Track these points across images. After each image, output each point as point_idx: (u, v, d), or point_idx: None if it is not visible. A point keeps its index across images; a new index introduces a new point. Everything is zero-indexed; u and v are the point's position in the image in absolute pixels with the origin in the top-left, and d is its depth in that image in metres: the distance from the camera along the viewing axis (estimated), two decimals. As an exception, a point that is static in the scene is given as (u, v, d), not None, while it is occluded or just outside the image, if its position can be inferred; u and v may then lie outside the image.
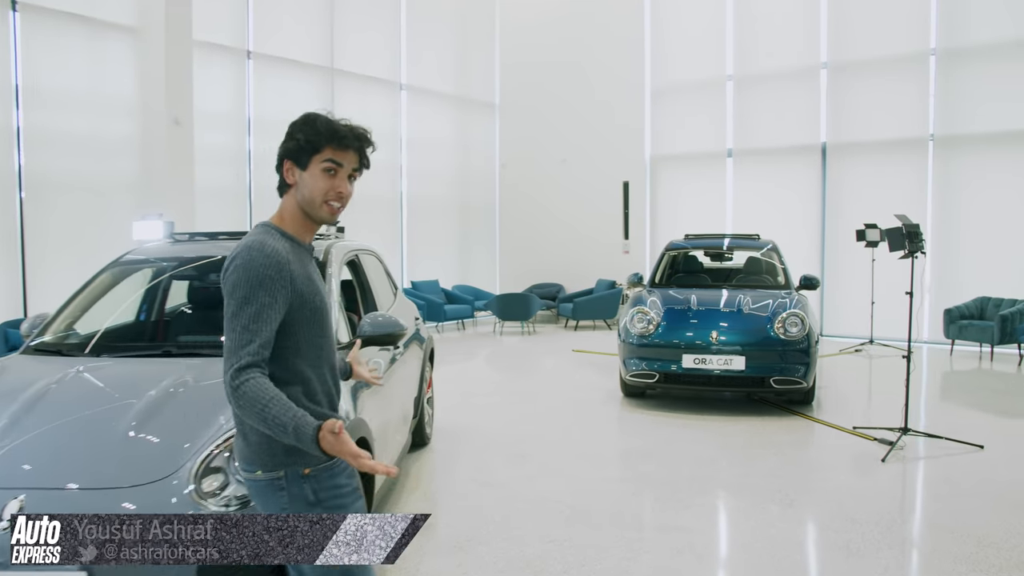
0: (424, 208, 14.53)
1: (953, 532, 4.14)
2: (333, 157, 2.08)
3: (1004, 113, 11.01)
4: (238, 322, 1.88)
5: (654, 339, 7.09)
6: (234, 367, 1.85)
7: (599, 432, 6.54)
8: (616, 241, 14.48)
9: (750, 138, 13.15)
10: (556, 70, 15.00)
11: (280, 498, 1.93)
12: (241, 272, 1.92)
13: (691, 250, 8.99)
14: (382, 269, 5.47)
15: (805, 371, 6.83)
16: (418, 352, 5.54)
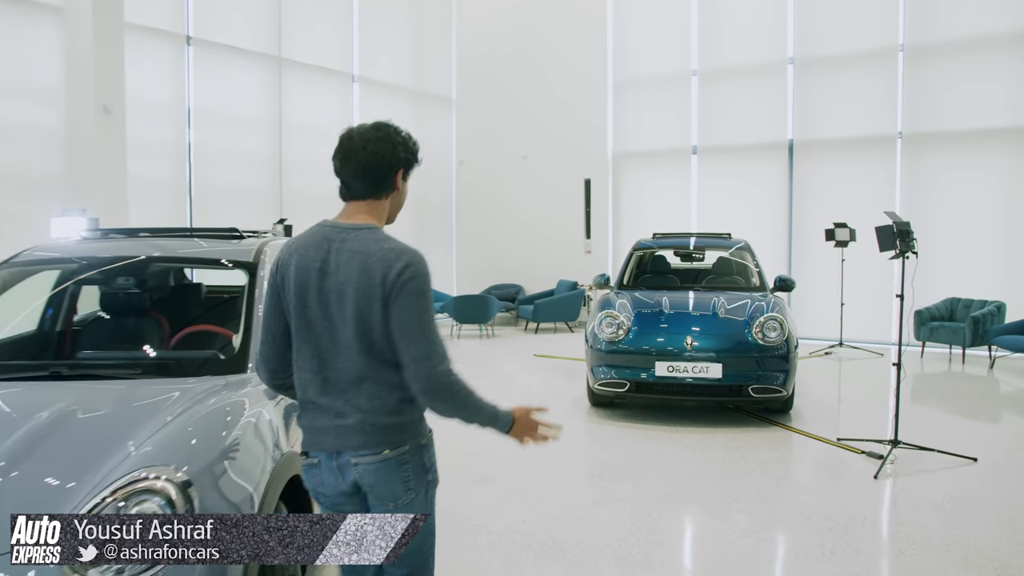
0: (378, 206, 13.86)
1: (969, 564, 3.72)
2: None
3: (973, 110, 10.83)
4: (428, 323, 2.07)
5: (624, 345, 6.61)
6: (447, 364, 2.08)
7: (568, 448, 6.03)
8: (578, 241, 14.03)
9: (715, 135, 12.80)
10: (515, 63, 14.48)
11: (404, 470, 2.11)
12: (422, 279, 2.09)
13: (660, 250, 8.54)
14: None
15: (784, 378, 6.42)
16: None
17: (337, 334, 2.09)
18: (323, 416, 2.12)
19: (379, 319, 2.05)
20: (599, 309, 7.09)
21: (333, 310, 2.09)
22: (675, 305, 6.98)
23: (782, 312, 6.73)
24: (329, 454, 2.13)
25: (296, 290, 2.13)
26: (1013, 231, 10.71)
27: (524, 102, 14.41)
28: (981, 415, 7.24)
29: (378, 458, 2.10)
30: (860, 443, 5.80)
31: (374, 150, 2.18)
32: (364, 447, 2.09)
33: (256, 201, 11.74)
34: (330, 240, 2.15)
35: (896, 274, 11.55)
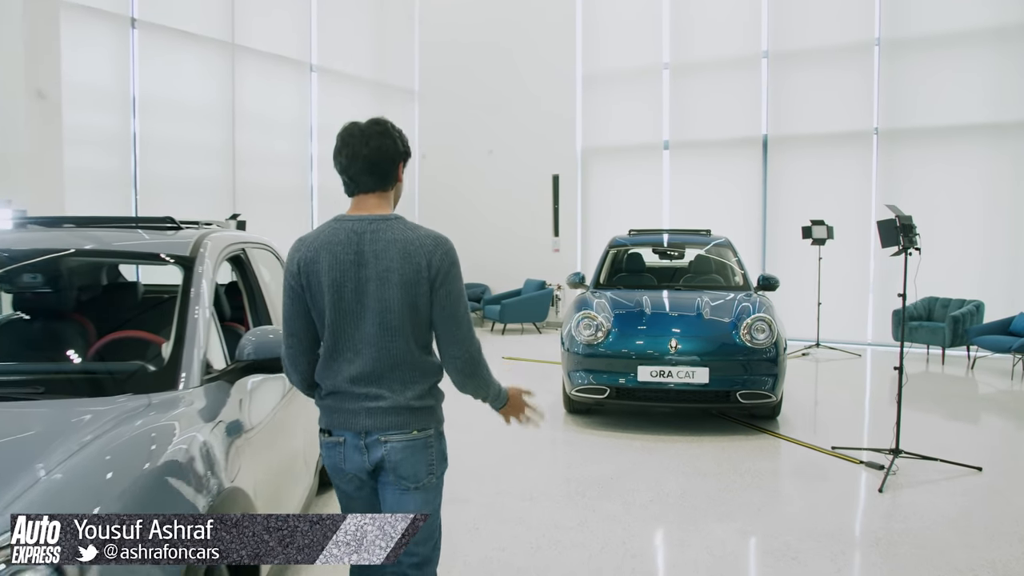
0: (338, 202, 13.20)
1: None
2: None
3: (950, 106, 10.66)
4: (467, 305, 2.23)
5: (604, 349, 6.17)
6: (478, 344, 2.26)
7: (547, 461, 5.58)
8: (545, 238, 13.59)
9: (688, 130, 12.46)
10: (480, 54, 13.99)
11: (428, 452, 2.23)
12: (458, 264, 2.22)
13: (638, 247, 8.12)
14: (280, 267, 4.35)
15: (774, 383, 6.04)
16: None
17: (375, 322, 2.16)
18: (355, 400, 2.19)
19: (425, 303, 2.18)
20: (575, 310, 6.64)
21: (370, 300, 2.15)
22: (657, 305, 6.56)
23: (770, 312, 6.35)
24: (356, 433, 2.21)
25: (331, 284, 2.16)
26: (991, 229, 10.55)
27: (489, 94, 13.93)
28: (974, 419, 6.97)
29: (407, 438, 2.19)
30: (856, 452, 5.45)
31: (377, 145, 2.27)
32: (394, 428, 2.19)
33: (208, 194, 11.07)
34: (360, 232, 2.19)
35: (873, 272, 11.43)
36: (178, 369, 2.56)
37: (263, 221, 11.79)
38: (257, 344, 2.77)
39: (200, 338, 2.67)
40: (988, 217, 10.54)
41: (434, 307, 2.19)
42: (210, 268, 2.98)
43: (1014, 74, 10.34)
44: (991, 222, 10.52)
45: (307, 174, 12.71)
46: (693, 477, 5.00)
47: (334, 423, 2.24)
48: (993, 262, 10.50)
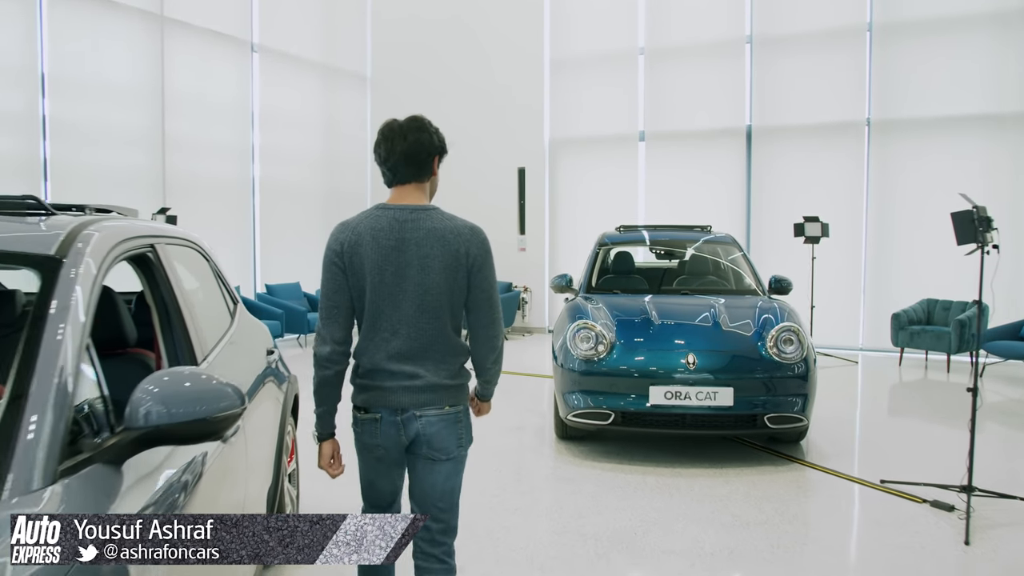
0: (282, 196, 12.05)
1: None
2: None
3: (946, 96, 10.00)
4: (496, 297, 2.40)
5: (606, 366, 5.20)
6: (503, 336, 2.45)
7: (550, 509, 4.56)
8: (511, 237, 12.59)
9: (665, 120, 11.60)
10: (438, 36, 12.91)
11: (458, 426, 2.40)
12: (488, 252, 2.37)
13: (631, 245, 7.18)
14: (210, 271, 3.25)
15: (804, 403, 5.15)
16: (274, 402, 3.35)
17: (414, 304, 2.30)
18: (392, 378, 2.34)
19: (461, 287, 2.32)
20: (569, 319, 5.65)
21: (409, 284, 2.29)
22: (665, 313, 5.61)
23: (796, 321, 5.47)
24: (393, 410, 2.35)
25: (373, 267, 2.29)
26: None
27: (448, 81, 12.86)
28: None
29: (441, 413, 2.36)
30: (912, 487, 4.58)
31: (415, 139, 2.34)
32: (429, 404, 2.34)
33: (133, 185, 9.75)
34: (401, 221, 2.31)
35: (865, 273, 10.74)
36: (12, 440, 1.48)
37: (198, 216, 10.51)
38: (164, 399, 1.69)
39: (57, 392, 1.58)
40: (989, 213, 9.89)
41: (471, 291, 2.34)
42: (89, 274, 1.88)
43: (1013, 62, 9.73)
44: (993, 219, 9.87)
45: (248, 165, 11.46)
46: (734, 529, 4.05)
47: (371, 402, 2.39)
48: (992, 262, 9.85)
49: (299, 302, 11.38)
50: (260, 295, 11.15)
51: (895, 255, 10.36)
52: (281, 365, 3.71)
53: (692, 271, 6.86)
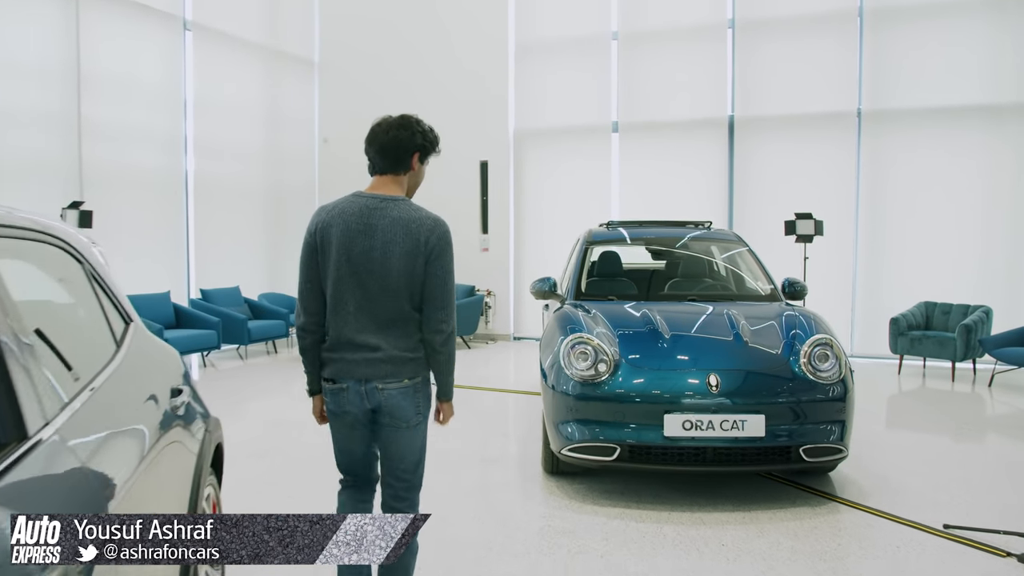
0: (220, 191, 10.89)
1: None
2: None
3: (942, 86, 9.37)
4: (452, 282, 2.59)
5: (611, 389, 4.29)
6: (454, 319, 2.60)
7: (546, 569, 3.62)
8: (473, 236, 11.64)
9: (640, 110, 10.79)
10: (393, 19, 11.90)
11: (417, 396, 2.61)
12: (450, 245, 2.58)
13: (625, 243, 6.29)
14: (84, 279, 2.23)
15: (842, 431, 4.33)
16: (180, 460, 2.34)
17: (377, 284, 2.52)
18: (357, 351, 2.55)
19: (420, 273, 2.53)
20: (560, 331, 4.73)
21: (375, 266, 2.51)
22: (675, 324, 4.73)
23: (829, 331, 4.65)
24: (358, 380, 2.56)
25: (339, 248, 2.52)
26: (989, 225, 9.32)
27: (403, 68, 11.85)
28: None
29: (401, 385, 2.57)
30: (984, 534, 3.78)
31: (394, 135, 2.61)
32: (390, 376, 2.56)
33: (42, 176, 8.52)
34: (371, 208, 2.55)
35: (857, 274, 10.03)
36: None
37: (121, 213, 9.31)
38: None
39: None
40: (986, 211, 9.32)
41: (427, 277, 2.53)
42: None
43: (1010, 50, 9.15)
44: (989, 217, 9.30)
45: (180, 156, 10.28)
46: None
47: (338, 373, 2.59)
48: (992, 262, 9.28)
49: (239, 309, 10.24)
50: (194, 301, 9.99)
51: (888, 255, 9.71)
52: (196, 404, 2.70)
53: (695, 273, 6.00)
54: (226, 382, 8.43)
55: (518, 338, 11.67)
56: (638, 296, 5.55)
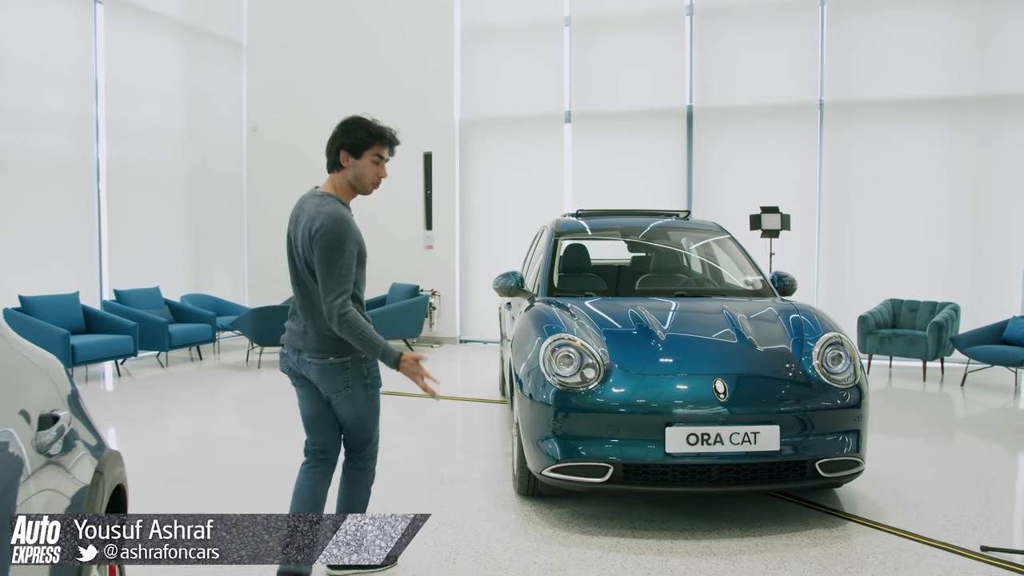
0: (137, 181, 9.90)
1: None
2: (379, 152, 2.91)
3: (907, 76, 9.12)
4: (334, 269, 2.74)
5: (601, 398, 3.68)
6: (339, 300, 2.72)
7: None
8: (416, 233, 10.93)
9: (595, 99, 10.26)
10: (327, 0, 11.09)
11: (345, 374, 2.86)
12: (330, 235, 2.73)
13: (599, 234, 5.70)
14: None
15: (858, 440, 3.82)
16: (57, 507, 1.63)
17: (295, 270, 2.92)
18: (295, 324, 2.95)
19: (312, 262, 2.80)
20: (537, 331, 4.09)
21: (295, 253, 2.90)
22: (668, 323, 4.15)
23: (838, 328, 4.15)
24: (294, 350, 2.95)
25: (288, 233, 2.95)
26: (954, 221, 9.11)
27: (339, 52, 11.06)
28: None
29: (323, 362, 2.86)
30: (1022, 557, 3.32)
31: (332, 134, 2.92)
32: (315, 353, 2.86)
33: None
34: (303, 201, 2.93)
35: (819, 269, 9.72)
36: None
37: (21, 204, 8.30)
38: None
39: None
40: (951, 206, 9.10)
41: (315, 263, 2.78)
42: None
43: (973, 42, 8.95)
44: (954, 211, 9.09)
45: (91, 143, 9.26)
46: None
47: (286, 341, 2.99)
48: (957, 257, 9.06)
49: (159, 311, 9.28)
50: (107, 303, 8.99)
51: (851, 250, 9.42)
52: (85, 435, 1.96)
53: (678, 266, 5.46)
54: (143, 393, 7.52)
55: (465, 341, 11.00)
56: (619, 292, 4.97)
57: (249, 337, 9.08)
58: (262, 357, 9.33)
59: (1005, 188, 8.92)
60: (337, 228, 2.73)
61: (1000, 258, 8.93)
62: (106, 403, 7.17)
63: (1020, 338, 7.33)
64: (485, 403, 6.94)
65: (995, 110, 8.92)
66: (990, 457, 5.43)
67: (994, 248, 8.96)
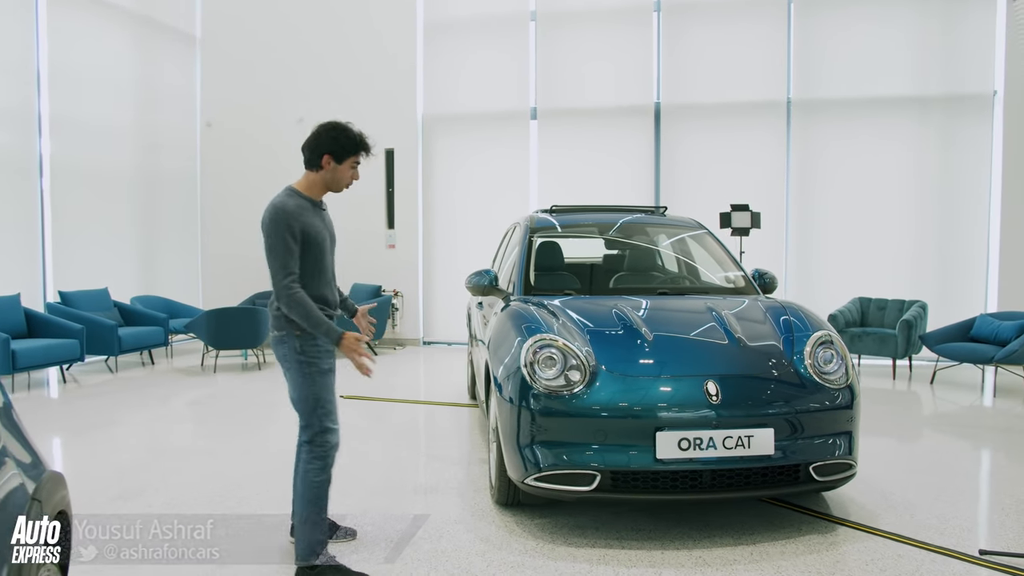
0: (83, 178, 9.44)
1: None
2: (358, 159, 3.21)
3: (873, 75, 9.12)
4: (275, 253, 3.01)
5: (588, 402, 3.48)
6: (285, 281, 2.99)
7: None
8: (378, 231, 10.64)
9: (561, 96, 10.09)
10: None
11: (283, 348, 3.10)
12: (269, 223, 3.03)
13: (574, 231, 5.51)
14: None
15: (850, 443, 3.69)
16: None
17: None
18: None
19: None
20: (517, 331, 3.88)
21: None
22: (654, 322, 3.96)
23: (827, 326, 4.01)
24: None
25: None
26: (921, 219, 9.15)
27: (297, 46, 10.72)
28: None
29: (272, 336, 3.15)
30: (1021, 560, 3.22)
31: (312, 135, 3.16)
32: (271, 328, 3.15)
33: None
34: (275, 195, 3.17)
35: (787, 267, 9.68)
36: None
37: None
38: None
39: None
40: (917, 204, 9.14)
41: None
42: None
43: (938, 41, 9.00)
44: (920, 210, 9.12)
45: (33, 138, 8.79)
46: None
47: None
48: (922, 255, 9.10)
49: (107, 314, 8.84)
50: (52, 306, 8.53)
51: (819, 248, 9.40)
52: (20, 453, 1.68)
53: (658, 264, 5.30)
54: (91, 401, 7.11)
55: (428, 343, 10.74)
56: (599, 289, 4.78)
57: (204, 340, 8.69)
58: (218, 361, 8.94)
59: (968, 186, 8.98)
60: (274, 215, 3.00)
61: (964, 256, 8.99)
62: (50, 412, 6.75)
63: (988, 335, 7.35)
64: (453, 407, 6.70)
65: (957, 109, 8.98)
66: (971, 456, 5.38)
67: (958, 246, 9.02)
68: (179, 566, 3.22)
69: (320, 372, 3.09)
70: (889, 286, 8.74)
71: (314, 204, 3.16)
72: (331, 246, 3.27)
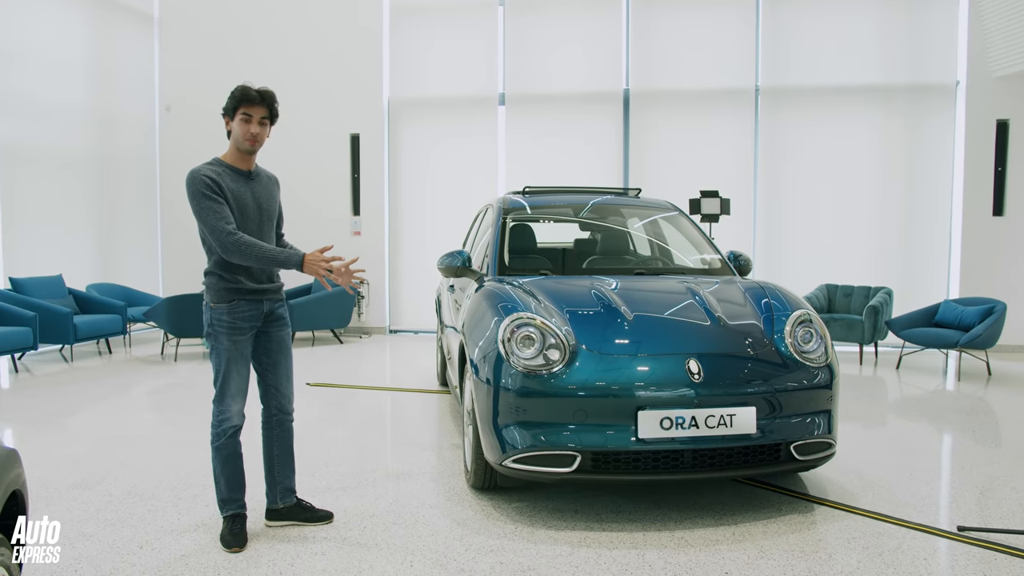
0: (35, 161, 9.09)
1: None
2: (246, 111, 3.10)
3: (840, 64, 9.19)
4: (205, 214, 3.05)
5: (568, 382, 3.40)
6: (223, 235, 3.00)
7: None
8: (343, 217, 10.45)
9: (529, 81, 9.99)
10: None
11: (205, 315, 3.19)
12: (187, 191, 3.10)
13: (549, 212, 5.42)
14: None
15: (829, 422, 3.67)
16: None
17: None
18: None
19: None
20: (493, 311, 3.79)
21: None
22: (635, 302, 3.89)
23: (805, 306, 3.99)
24: None
25: None
26: (885, 207, 9.25)
27: (260, 27, 10.46)
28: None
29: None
30: (998, 535, 3.23)
31: None
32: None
33: None
34: None
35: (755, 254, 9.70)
36: None
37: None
38: None
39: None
40: (882, 192, 9.24)
41: None
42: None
43: (902, 30, 9.09)
44: (885, 197, 9.22)
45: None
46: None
47: None
48: (887, 241, 9.20)
49: (62, 301, 8.54)
50: (2, 292, 8.20)
51: (786, 235, 9.46)
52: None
53: (634, 245, 5.23)
54: (45, 391, 6.85)
55: (395, 331, 10.59)
56: (573, 270, 4.70)
57: (164, 328, 8.44)
58: (179, 350, 8.69)
59: (932, 174, 9.10)
60: (188, 182, 3.09)
61: (927, 242, 9.11)
62: (1, 402, 6.48)
63: (951, 320, 7.45)
64: (422, 393, 6.59)
65: (921, 98, 9.08)
66: (940, 437, 5.43)
67: (922, 233, 9.14)
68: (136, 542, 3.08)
69: (224, 348, 3.12)
70: (855, 272, 8.83)
71: (236, 171, 3.17)
72: (262, 216, 3.20)
